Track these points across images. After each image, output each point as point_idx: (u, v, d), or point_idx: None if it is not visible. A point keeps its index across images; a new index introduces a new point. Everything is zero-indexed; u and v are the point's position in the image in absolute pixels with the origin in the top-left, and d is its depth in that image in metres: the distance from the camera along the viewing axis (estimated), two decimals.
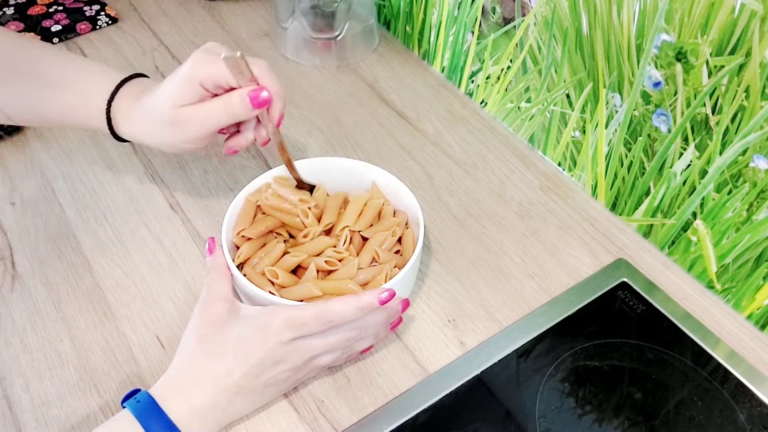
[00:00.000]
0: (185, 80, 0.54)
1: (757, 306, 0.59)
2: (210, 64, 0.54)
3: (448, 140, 0.77)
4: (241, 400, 0.50)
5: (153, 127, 0.57)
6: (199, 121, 0.55)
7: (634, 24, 0.58)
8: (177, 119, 0.55)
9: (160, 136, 0.57)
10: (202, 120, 0.55)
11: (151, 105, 0.56)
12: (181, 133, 0.56)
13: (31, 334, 0.58)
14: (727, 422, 0.53)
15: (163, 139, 0.57)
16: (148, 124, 0.57)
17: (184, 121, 0.55)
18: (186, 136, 0.56)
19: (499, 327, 0.59)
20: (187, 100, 0.55)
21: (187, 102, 0.55)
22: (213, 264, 0.55)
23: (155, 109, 0.56)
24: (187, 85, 0.54)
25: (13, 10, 0.90)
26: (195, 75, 0.54)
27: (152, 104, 0.56)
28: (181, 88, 0.54)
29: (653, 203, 0.64)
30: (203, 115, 0.55)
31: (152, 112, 0.56)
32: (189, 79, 0.54)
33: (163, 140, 0.57)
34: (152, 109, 0.56)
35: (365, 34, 0.86)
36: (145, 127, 0.58)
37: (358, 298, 0.50)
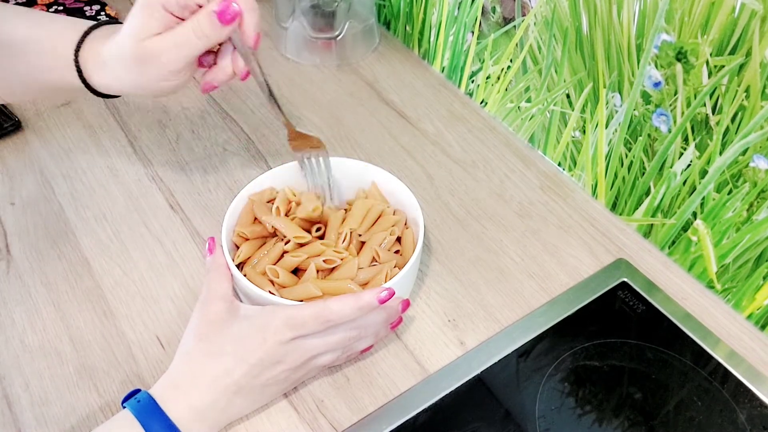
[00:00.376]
0: (145, 6, 0.49)
1: (757, 306, 0.59)
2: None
3: (448, 140, 0.77)
4: (241, 400, 0.50)
5: (122, 70, 0.52)
6: (169, 51, 0.50)
7: (634, 24, 0.58)
8: (145, 54, 0.50)
9: (133, 77, 0.52)
10: (171, 49, 0.50)
11: (117, 44, 0.51)
12: (152, 69, 0.50)
13: (30, 333, 0.58)
14: (727, 422, 0.53)
15: (137, 81, 0.52)
16: (117, 68, 0.52)
17: (152, 54, 0.50)
18: (159, 72, 0.51)
19: (499, 327, 0.59)
20: (152, 30, 0.49)
21: (152, 32, 0.49)
22: (213, 264, 0.55)
23: (121, 47, 0.50)
24: (148, 12, 0.49)
25: None
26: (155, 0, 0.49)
27: (117, 43, 0.51)
28: (143, 17, 0.49)
29: (653, 203, 0.64)
30: (172, 43, 0.49)
31: (118, 52, 0.51)
32: (148, 5, 0.49)
33: (136, 82, 0.52)
34: (118, 49, 0.51)
35: (365, 34, 0.86)
36: (115, 72, 0.52)
37: (358, 297, 0.50)
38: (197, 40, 0.50)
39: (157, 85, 0.52)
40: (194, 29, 0.49)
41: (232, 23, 0.50)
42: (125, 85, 0.53)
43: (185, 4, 0.49)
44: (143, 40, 0.50)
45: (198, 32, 0.49)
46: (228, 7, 0.49)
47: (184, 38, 0.50)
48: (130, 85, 0.53)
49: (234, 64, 0.54)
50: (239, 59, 0.54)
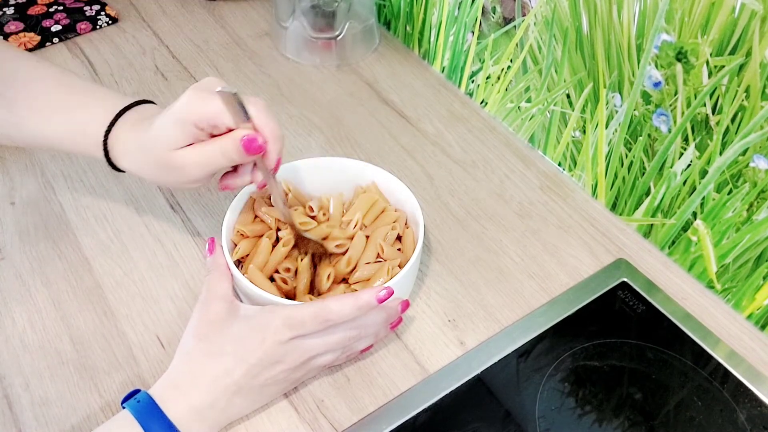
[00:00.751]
0: (178, 122, 0.51)
1: (757, 306, 0.59)
2: (204, 104, 0.50)
3: (448, 140, 0.77)
4: (241, 400, 0.50)
5: (148, 167, 0.54)
6: (195, 165, 0.52)
7: (635, 24, 0.58)
8: (171, 163, 0.52)
9: (156, 176, 0.55)
10: (197, 164, 0.52)
11: (146, 145, 0.53)
12: (176, 175, 0.53)
13: (31, 333, 0.58)
14: (727, 422, 0.53)
15: (160, 180, 0.55)
16: (143, 163, 0.55)
17: (178, 164, 0.52)
18: (182, 179, 0.53)
19: (499, 327, 0.59)
20: (181, 143, 0.52)
21: (181, 144, 0.52)
22: (213, 264, 0.55)
23: (149, 150, 0.53)
24: (180, 126, 0.51)
25: (13, 9, 0.90)
26: (189, 116, 0.50)
27: (147, 144, 0.53)
28: (174, 130, 0.51)
29: (653, 203, 0.64)
30: (198, 159, 0.52)
31: (147, 152, 0.54)
32: (182, 121, 0.51)
33: (159, 180, 0.55)
34: (147, 150, 0.53)
35: (365, 34, 0.86)
36: (141, 166, 0.55)
37: (357, 297, 0.50)
38: (221, 160, 0.52)
39: (178, 185, 0.55)
40: (221, 151, 0.51)
41: (257, 154, 0.52)
42: (150, 179, 0.56)
43: (215, 125, 0.51)
44: (173, 149, 0.52)
45: (225, 154, 0.51)
46: (254, 140, 0.51)
47: (211, 158, 0.52)
48: (151, 178, 0.55)
49: (253, 176, 0.56)
50: (257, 174, 0.56)
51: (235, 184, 0.56)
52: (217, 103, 0.50)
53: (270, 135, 0.52)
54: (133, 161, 0.55)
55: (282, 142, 0.54)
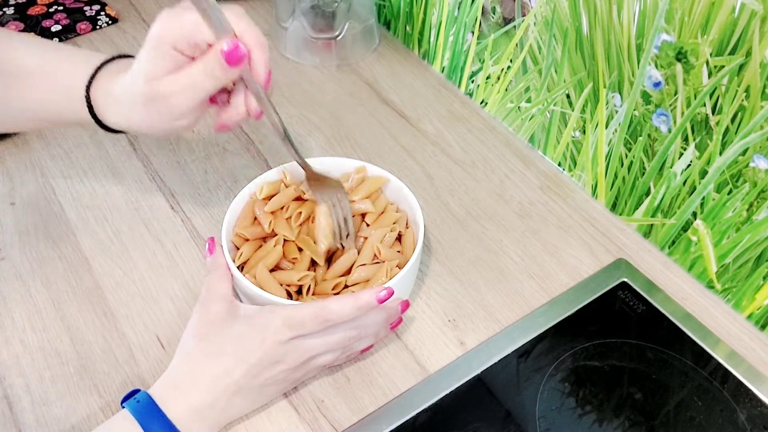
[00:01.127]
0: (154, 47, 0.48)
1: (757, 306, 0.59)
2: (178, 22, 0.47)
3: (448, 140, 0.77)
4: (241, 400, 0.50)
5: (134, 109, 0.51)
6: (179, 92, 0.49)
7: (634, 24, 0.58)
8: (155, 94, 0.49)
9: (143, 117, 0.51)
10: (181, 91, 0.49)
11: (128, 85, 0.50)
12: (163, 109, 0.49)
13: (31, 334, 0.58)
14: (727, 422, 0.53)
15: (148, 121, 0.51)
16: (127, 106, 0.51)
17: (162, 94, 0.49)
18: (170, 112, 0.50)
19: (499, 327, 0.59)
20: (162, 70, 0.48)
21: (162, 72, 0.48)
22: (213, 264, 0.55)
23: (130, 87, 0.50)
24: (157, 52, 0.48)
25: (13, 10, 0.90)
26: (163, 39, 0.47)
27: (128, 84, 0.50)
28: (152, 57, 0.48)
29: (653, 203, 0.64)
30: (182, 84, 0.48)
31: (128, 91, 0.50)
32: (158, 45, 0.47)
33: (147, 122, 0.51)
34: (129, 91, 0.50)
35: (365, 34, 0.86)
36: (126, 110, 0.51)
37: (357, 297, 0.50)
38: (207, 81, 0.49)
39: (168, 124, 0.51)
40: (204, 70, 0.48)
41: (240, 64, 0.48)
42: (136, 124, 0.52)
43: (195, 44, 0.48)
44: (153, 80, 0.49)
45: (208, 73, 0.48)
46: (236, 48, 0.47)
47: (194, 79, 0.49)
48: (140, 124, 0.52)
49: (247, 104, 0.53)
50: (252, 98, 0.52)
51: (231, 118, 0.53)
52: (192, 17, 0.47)
53: (253, 41, 0.49)
54: (119, 110, 0.52)
55: (268, 51, 0.50)
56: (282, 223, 0.59)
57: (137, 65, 0.49)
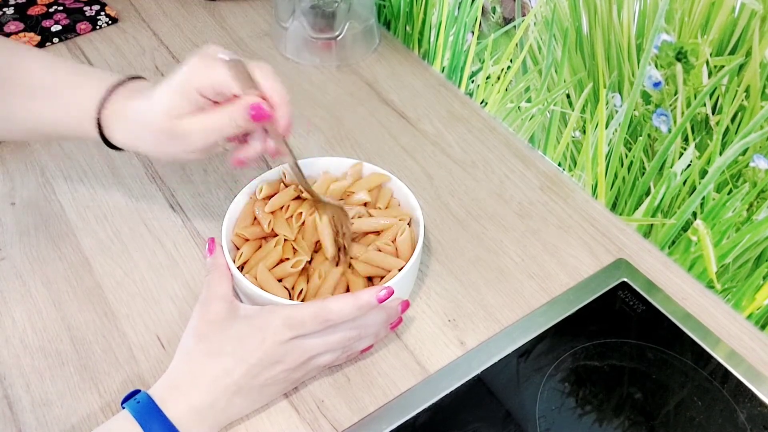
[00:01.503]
0: (181, 89, 0.50)
1: (757, 306, 0.59)
2: (207, 71, 0.49)
3: (448, 140, 0.77)
4: (241, 400, 0.50)
5: (150, 138, 0.53)
6: (200, 132, 0.51)
7: (634, 24, 0.58)
8: (176, 131, 0.51)
9: (158, 146, 0.53)
10: (203, 132, 0.51)
11: (146, 114, 0.52)
12: (181, 144, 0.52)
13: (31, 334, 0.58)
14: (727, 422, 0.53)
15: (162, 150, 0.53)
16: (141, 135, 0.53)
17: (183, 132, 0.51)
18: (187, 148, 0.52)
19: (499, 327, 0.59)
20: (184, 111, 0.51)
21: (184, 112, 0.51)
22: (213, 264, 0.55)
23: (150, 119, 0.52)
24: (182, 94, 0.50)
25: (13, 10, 0.90)
26: (191, 83, 0.50)
27: (147, 113, 0.52)
28: (176, 97, 0.50)
29: (653, 203, 0.64)
30: (204, 127, 0.51)
31: (147, 121, 0.52)
32: (185, 89, 0.50)
33: (161, 150, 0.53)
34: (147, 119, 0.52)
35: (365, 34, 0.86)
36: (139, 137, 0.54)
37: (357, 296, 0.50)
38: (229, 128, 0.51)
39: (182, 155, 0.53)
40: (229, 118, 0.50)
41: (264, 121, 0.51)
42: (143, 148, 0.54)
43: (219, 92, 0.50)
44: (174, 117, 0.51)
45: (232, 122, 0.51)
46: (261, 108, 0.50)
47: (218, 124, 0.51)
48: (154, 151, 0.54)
49: (264, 145, 0.55)
50: (269, 140, 0.55)
51: (248, 155, 0.55)
52: (222, 70, 0.49)
53: (278, 100, 0.51)
54: (130, 134, 0.54)
55: (290, 106, 0.52)
56: (282, 223, 0.59)
57: (158, 99, 0.51)
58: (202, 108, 0.51)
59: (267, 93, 0.51)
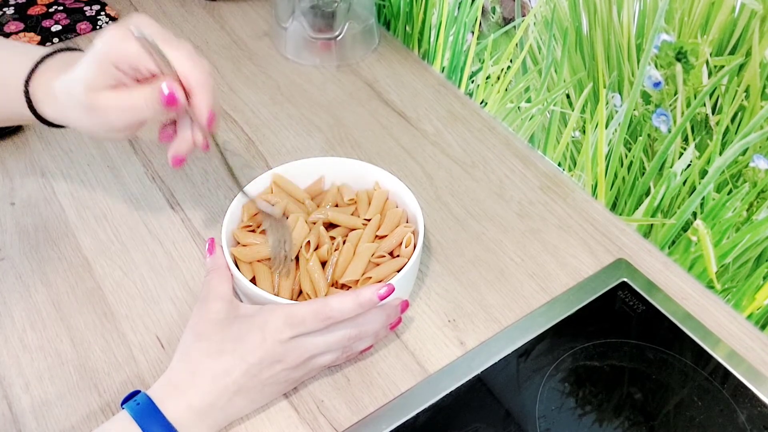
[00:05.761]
0: (97, 61, 0.47)
1: (757, 306, 0.59)
2: (122, 44, 0.47)
3: (448, 140, 0.77)
4: (241, 400, 0.50)
5: (72, 111, 0.51)
6: (117, 109, 0.49)
7: (634, 24, 0.58)
8: (93, 105, 0.49)
9: (80, 120, 0.51)
10: (119, 109, 0.49)
11: (68, 85, 0.50)
12: (100, 119, 0.50)
13: (31, 334, 0.58)
14: (728, 422, 0.53)
15: (84, 125, 0.51)
16: (65, 107, 0.51)
17: (100, 107, 0.49)
18: (105, 124, 0.50)
19: (499, 327, 0.59)
20: (101, 83, 0.48)
21: (101, 85, 0.48)
22: (213, 264, 0.55)
23: (71, 90, 0.49)
24: (99, 66, 0.47)
25: (13, 10, 0.90)
26: (107, 56, 0.47)
27: (68, 84, 0.50)
28: (93, 69, 0.48)
29: (653, 203, 0.64)
30: (121, 103, 0.49)
31: (69, 94, 0.50)
32: (101, 60, 0.47)
33: (83, 125, 0.51)
34: (68, 90, 0.50)
35: (365, 34, 0.86)
36: (64, 110, 0.52)
37: (358, 293, 0.50)
38: (146, 110, 0.49)
39: (104, 133, 0.52)
40: (145, 99, 0.49)
41: (176, 107, 0.49)
42: (73, 123, 0.52)
43: (136, 69, 0.48)
44: (92, 90, 0.49)
45: (148, 104, 0.49)
46: (171, 94, 0.48)
47: (135, 104, 0.49)
48: (77, 125, 0.52)
49: (194, 134, 0.52)
50: (198, 131, 0.52)
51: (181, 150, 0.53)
52: (137, 47, 0.47)
53: (195, 84, 0.48)
54: (57, 107, 0.52)
55: (212, 92, 0.49)
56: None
57: (78, 72, 0.49)
58: (124, 83, 0.49)
59: (182, 76, 0.48)
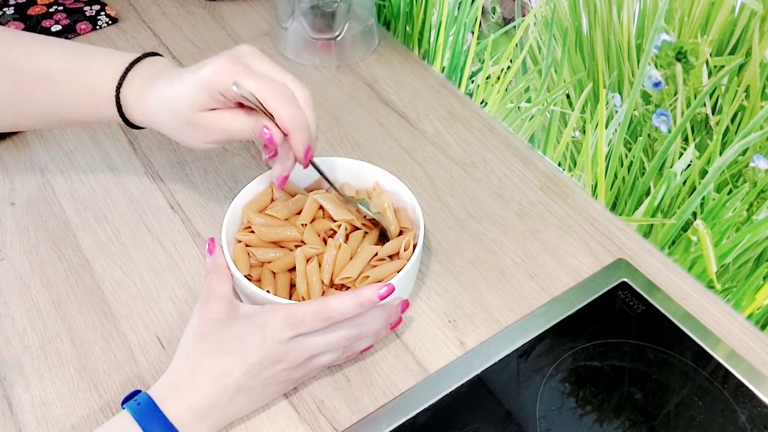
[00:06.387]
0: (205, 87, 0.51)
1: (757, 306, 0.59)
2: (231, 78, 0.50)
3: (448, 140, 0.77)
4: (241, 400, 0.50)
5: (170, 122, 0.55)
6: (222, 129, 0.53)
7: (634, 24, 0.58)
8: (198, 122, 0.53)
9: (177, 131, 0.55)
10: (224, 131, 0.53)
11: (169, 101, 0.54)
12: (199, 134, 0.54)
13: (31, 334, 0.58)
14: (728, 422, 0.53)
15: (181, 136, 0.55)
16: (164, 117, 0.55)
17: (205, 125, 0.53)
18: (205, 138, 0.54)
19: (499, 327, 0.59)
20: (207, 105, 0.52)
21: (206, 107, 0.52)
22: (213, 264, 0.55)
23: (173, 106, 0.53)
24: (206, 92, 0.51)
25: (13, 10, 0.90)
26: (215, 85, 0.51)
27: (170, 101, 0.54)
28: (200, 93, 0.51)
29: (653, 203, 0.64)
30: (227, 127, 0.53)
31: (169, 107, 0.54)
32: (208, 87, 0.51)
33: (180, 136, 0.55)
34: (169, 106, 0.54)
35: (365, 34, 0.86)
36: (161, 119, 0.55)
37: (358, 293, 0.50)
38: (249, 136, 0.53)
39: (197, 144, 0.55)
40: (250, 129, 0.52)
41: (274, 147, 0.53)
42: (168, 133, 0.56)
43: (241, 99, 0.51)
44: (198, 110, 0.52)
45: (249, 133, 0.52)
46: (271, 138, 0.52)
47: (239, 129, 0.52)
48: (172, 135, 0.56)
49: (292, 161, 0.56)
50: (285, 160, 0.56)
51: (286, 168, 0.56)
52: (246, 87, 0.50)
53: (292, 127, 0.51)
54: (152, 113, 0.55)
55: (308, 133, 0.53)
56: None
57: (183, 91, 0.52)
58: (222, 105, 0.52)
59: (278, 120, 0.51)
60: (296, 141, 0.52)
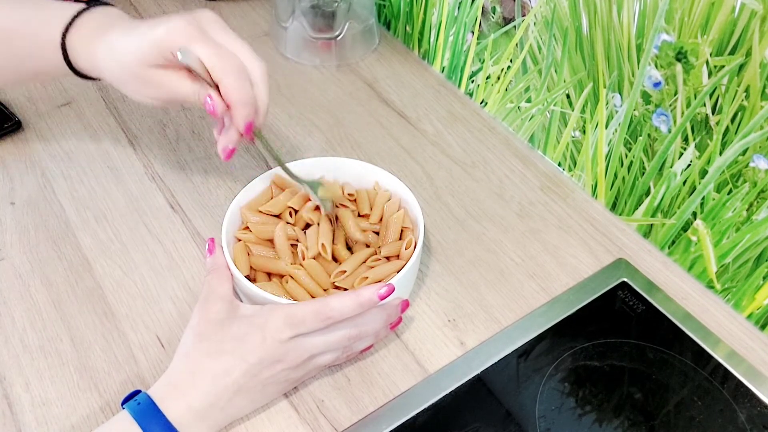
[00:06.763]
0: (156, 45, 0.51)
1: (757, 306, 0.59)
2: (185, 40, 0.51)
3: (448, 140, 0.77)
4: (241, 399, 0.50)
5: (117, 73, 0.55)
6: (169, 88, 0.53)
7: (634, 24, 0.58)
8: (144, 77, 0.53)
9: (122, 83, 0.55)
10: (170, 91, 0.53)
11: (118, 51, 0.53)
12: (145, 90, 0.54)
13: (31, 333, 0.58)
14: (728, 422, 0.53)
15: (126, 88, 0.55)
16: (111, 67, 0.55)
17: (152, 81, 0.53)
18: (150, 94, 0.54)
19: (499, 327, 0.59)
20: (155, 62, 0.52)
21: (155, 64, 0.52)
22: (213, 264, 0.55)
23: (122, 58, 0.53)
24: (158, 49, 0.51)
25: None
26: (167, 44, 0.51)
27: (119, 51, 0.53)
28: (151, 50, 0.51)
29: (653, 203, 0.64)
30: (173, 87, 0.53)
31: (118, 59, 0.54)
32: (161, 46, 0.51)
33: (125, 88, 0.55)
34: (118, 57, 0.53)
35: (365, 34, 0.86)
36: (108, 69, 0.55)
37: (358, 293, 0.50)
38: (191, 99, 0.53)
39: (141, 98, 0.55)
40: (196, 94, 0.53)
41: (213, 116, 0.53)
42: (116, 84, 0.56)
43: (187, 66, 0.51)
44: (147, 66, 0.52)
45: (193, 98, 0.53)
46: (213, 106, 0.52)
47: (184, 93, 0.53)
48: (120, 86, 0.56)
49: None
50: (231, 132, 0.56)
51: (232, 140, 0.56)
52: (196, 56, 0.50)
53: (235, 99, 0.52)
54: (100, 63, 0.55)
55: (251, 108, 0.53)
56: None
57: (132, 45, 0.52)
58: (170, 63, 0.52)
59: (222, 91, 0.52)
60: (238, 114, 0.53)
